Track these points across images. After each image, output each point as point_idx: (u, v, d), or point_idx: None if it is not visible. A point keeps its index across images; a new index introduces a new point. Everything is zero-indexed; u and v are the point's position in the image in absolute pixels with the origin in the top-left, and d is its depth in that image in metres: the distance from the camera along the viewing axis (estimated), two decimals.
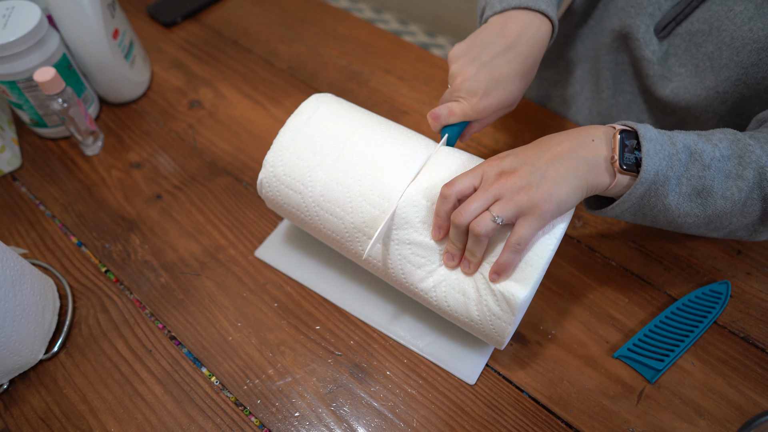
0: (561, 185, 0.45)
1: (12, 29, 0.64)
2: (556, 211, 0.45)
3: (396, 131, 0.54)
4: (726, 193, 0.47)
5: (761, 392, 0.53)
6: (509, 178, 0.46)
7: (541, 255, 0.47)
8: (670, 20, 0.62)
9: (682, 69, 0.63)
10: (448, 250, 0.49)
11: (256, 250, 0.64)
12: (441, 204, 0.47)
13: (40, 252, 0.64)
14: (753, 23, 0.55)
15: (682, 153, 0.46)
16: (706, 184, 0.47)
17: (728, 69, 0.58)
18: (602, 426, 0.52)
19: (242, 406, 0.54)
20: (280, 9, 0.94)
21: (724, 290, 0.59)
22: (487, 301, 0.48)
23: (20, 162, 0.73)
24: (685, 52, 0.62)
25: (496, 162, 0.47)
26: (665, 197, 0.47)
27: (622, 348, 0.55)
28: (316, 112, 0.55)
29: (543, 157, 0.46)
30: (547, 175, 0.45)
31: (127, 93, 0.79)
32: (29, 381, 0.55)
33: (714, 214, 0.48)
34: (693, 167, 0.46)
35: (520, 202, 0.45)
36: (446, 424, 0.52)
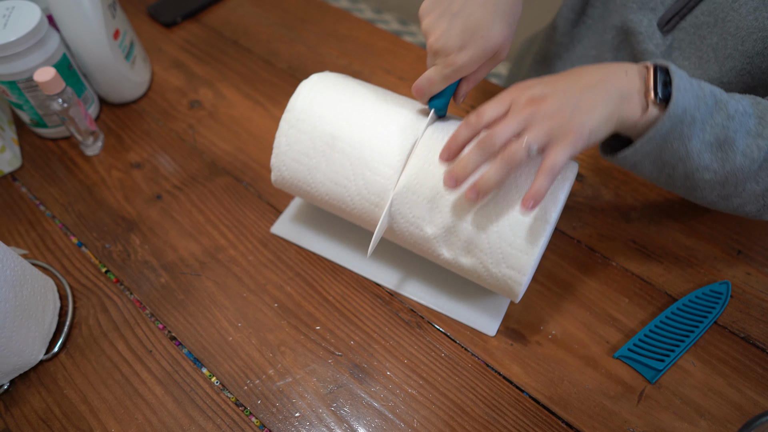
0: (594, 114, 0.44)
1: (12, 29, 0.64)
2: (588, 140, 0.44)
3: (386, 110, 0.54)
4: (746, 150, 0.47)
5: (762, 392, 0.53)
6: (541, 104, 0.44)
7: (553, 207, 0.47)
8: (674, 14, 0.62)
9: (685, 62, 0.63)
10: (455, 172, 0.45)
11: (272, 227, 0.66)
12: (463, 129, 0.45)
13: (40, 252, 0.64)
14: (758, 12, 0.55)
15: (709, 98, 0.45)
16: (729, 135, 0.46)
17: (732, 59, 0.58)
18: (602, 426, 0.52)
19: (242, 407, 0.54)
20: (281, 9, 0.94)
21: (724, 290, 0.59)
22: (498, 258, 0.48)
23: (20, 162, 0.73)
24: (689, 45, 0.62)
25: (525, 89, 0.45)
26: (689, 140, 0.46)
27: (623, 348, 0.55)
28: (303, 110, 0.55)
29: (575, 86, 0.45)
30: (580, 104, 0.44)
31: (127, 93, 0.79)
32: (29, 381, 0.55)
33: (731, 171, 0.48)
34: (718, 115, 0.46)
35: (553, 127, 0.43)
36: (446, 425, 0.52)
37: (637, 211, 0.66)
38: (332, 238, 0.64)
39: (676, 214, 0.66)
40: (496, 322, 0.58)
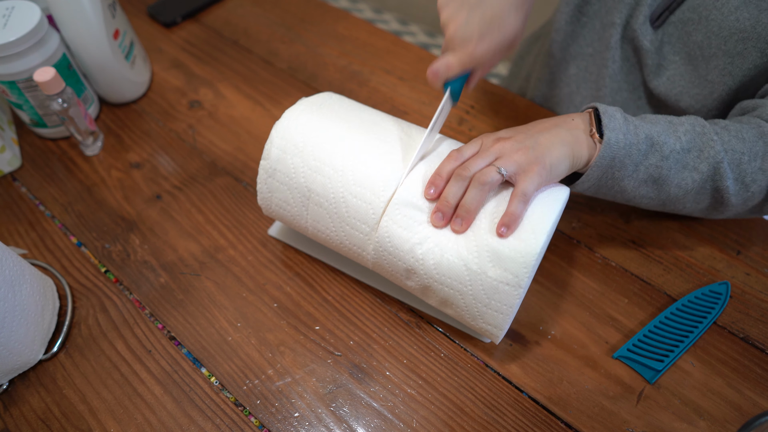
0: (552, 150, 0.49)
1: (12, 29, 0.64)
2: (550, 173, 0.49)
3: (366, 152, 0.52)
4: (680, 183, 0.52)
5: (761, 393, 0.53)
6: (506, 141, 0.50)
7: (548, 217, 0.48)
8: (663, 9, 0.64)
9: (676, 57, 0.65)
10: (439, 208, 0.49)
11: (269, 229, 0.66)
12: (446, 163, 0.50)
13: (39, 252, 0.64)
14: (739, 13, 0.56)
15: (643, 143, 0.51)
16: (662, 173, 0.52)
17: (716, 58, 0.60)
18: (602, 426, 0.52)
19: (242, 407, 0.54)
20: (280, 9, 0.95)
21: (723, 291, 0.59)
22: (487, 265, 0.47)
23: (20, 162, 0.73)
24: (678, 40, 0.64)
25: (492, 134, 0.52)
26: (621, 181, 0.52)
27: (622, 348, 0.55)
28: (278, 160, 0.54)
29: (533, 129, 0.52)
30: (539, 141, 0.50)
31: (127, 93, 0.79)
32: (29, 381, 0.55)
33: (668, 198, 0.54)
34: (652, 157, 0.51)
35: (519, 159, 0.48)
36: (446, 425, 0.52)
37: (636, 212, 0.66)
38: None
39: (676, 214, 0.66)
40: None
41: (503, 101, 0.79)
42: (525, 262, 0.46)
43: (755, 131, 0.52)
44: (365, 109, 0.58)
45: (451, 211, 0.48)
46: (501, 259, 0.47)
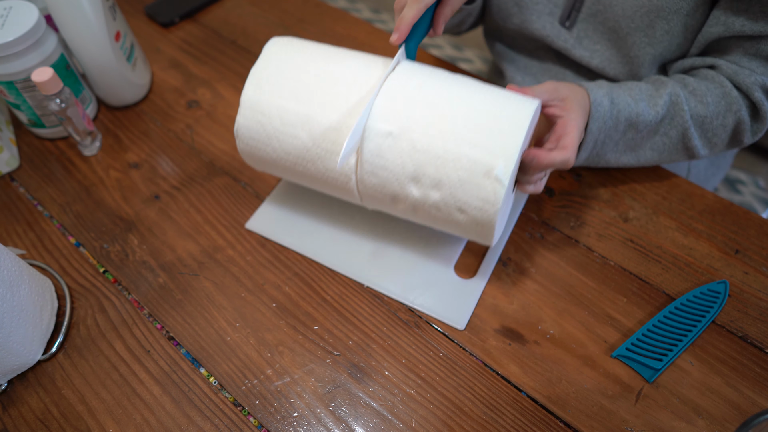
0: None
1: (9, 29, 0.64)
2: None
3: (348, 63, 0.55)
4: (654, 146, 0.62)
5: (759, 391, 0.53)
6: None
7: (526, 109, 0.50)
8: (569, 11, 0.69)
9: (597, 46, 0.70)
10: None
11: (246, 223, 0.66)
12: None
13: (38, 252, 0.64)
14: None
15: (623, 124, 0.59)
16: (637, 143, 0.62)
17: (631, 36, 0.66)
18: (601, 425, 0.52)
19: (241, 407, 0.53)
20: (279, 9, 0.94)
21: (722, 290, 0.59)
22: (476, 159, 0.49)
23: (18, 162, 0.73)
24: (594, 32, 0.69)
25: None
26: (604, 155, 0.62)
27: (621, 347, 0.56)
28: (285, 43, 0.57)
29: None
30: None
31: (129, 96, 0.79)
32: (27, 382, 0.55)
33: (645, 159, 0.64)
34: (629, 133, 0.60)
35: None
36: (445, 424, 0.52)
37: (635, 211, 0.66)
38: (298, 232, 0.65)
39: (674, 213, 0.66)
40: (466, 315, 0.58)
41: None
42: (509, 155, 0.48)
43: (719, 91, 0.60)
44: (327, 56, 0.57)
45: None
46: (488, 150, 0.49)
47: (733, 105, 0.60)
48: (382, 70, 0.54)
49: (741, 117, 0.60)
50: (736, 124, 0.61)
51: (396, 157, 0.51)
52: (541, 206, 0.67)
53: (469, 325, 0.58)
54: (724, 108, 0.60)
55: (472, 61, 1.80)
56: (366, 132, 0.51)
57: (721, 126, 0.61)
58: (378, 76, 0.53)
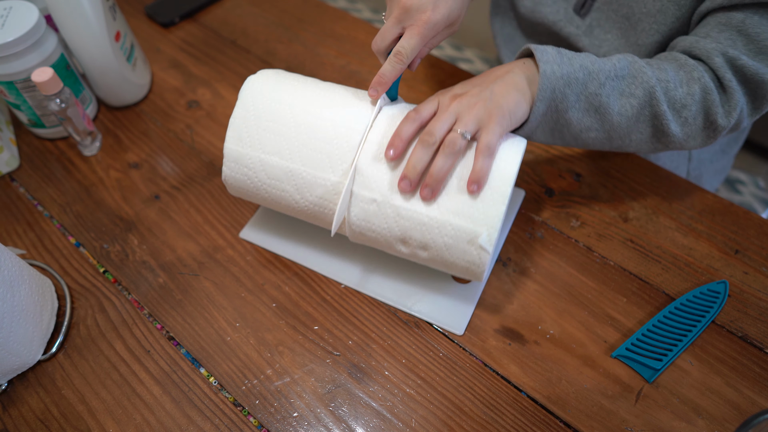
0: (508, 97, 0.51)
1: (10, 29, 0.64)
2: (510, 120, 0.51)
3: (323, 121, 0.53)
4: (621, 110, 0.54)
5: (759, 391, 0.53)
6: (462, 98, 0.52)
7: (509, 172, 0.50)
8: None
9: (608, 35, 0.69)
10: (406, 175, 0.50)
11: (240, 232, 0.66)
12: (406, 125, 0.51)
13: (38, 252, 0.64)
14: None
15: (579, 72, 0.53)
16: (602, 101, 0.54)
17: (641, 21, 0.65)
18: (600, 425, 0.52)
19: (241, 407, 0.54)
20: (278, 9, 0.94)
21: (722, 290, 0.59)
22: (461, 227, 0.50)
23: (18, 162, 0.73)
24: (606, 21, 0.68)
25: (447, 91, 0.53)
26: (566, 112, 0.54)
27: (621, 347, 0.56)
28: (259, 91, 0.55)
29: (487, 79, 0.53)
30: (494, 91, 0.52)
31: (129, 96, 0.79)
32: (27, 382, 0.55)
33: (612, 128, 0.56)
34: (591, 85, 0.53)
35: (478, 114, 0.50)
36: (445, 424, 0.52)
37: (634, 211, 0.66)
38: (293, 240, 0.64)
39: (673, 213, 0.66)
40: (464, 320, 0.58)
41: None
42: (493, 224, 0.49)
43: (673, 63, 0.56)
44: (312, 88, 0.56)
45: (418, 178, 0.50)
46: (471, 218, 0.50)
47: (693, 72, 0.55)
48: (365, 117, 0.53)
49: (706, 84, 0.54)
50: (703, 93, 0.55)
51: (381, 221, 0.52)
52: (541, 206, 0.67)
53: (468, 325, 0.58)
54: (685, 76, 0.55)
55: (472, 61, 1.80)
56: (352, 197, 0.52)
57: (688, 95, 0.55)
58: (361, 124, 0.53)
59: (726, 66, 0.54)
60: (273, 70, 0.58)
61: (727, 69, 0.54)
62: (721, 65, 0.54)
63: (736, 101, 0.55)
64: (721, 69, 0.54)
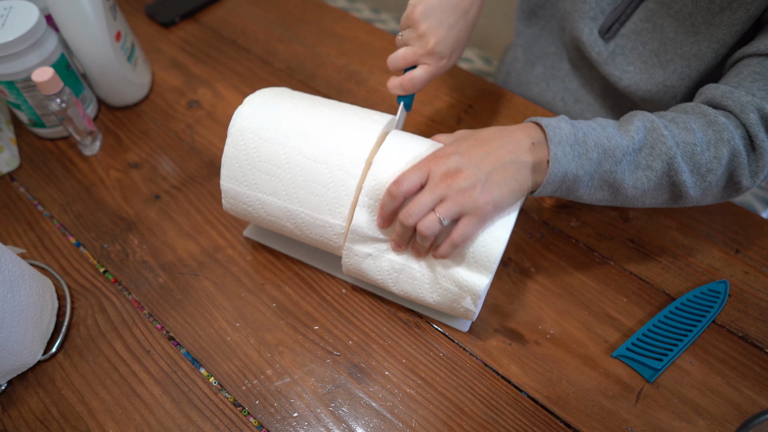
0: (503, 188, 0.48)
1: (10, 29, 0.64)
2: (495, 212, 0.49)
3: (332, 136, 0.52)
4: (636, 183, 0.51)
5: (760, 391, 0.53)
6: (455, 179, 0.47)
7: (495, 249, 0.49)
8: (612, 22, 0.65)
9: (630, 67, 0.66)
10: (395, 239, 0.51)
11: (245, 231, 0.66)
12: (388, 201, 0.49)
13: (38, 252, 0.64)
14: (694, 18, 0.58)
15: (594, 152, 0.49)
16: (617, 177, 0.50)
17: (673, 62, 0.61)
18: (601, 425, 0.52)
19: (241, 407, 0.53)
20: (279, 9, 0.94)
21: (722, 289, 0.59)
22: (449, 289, 0.51)
23: (18, 162, 0.73)
24: (631, 51, 0.65)
25: (442, 161, 0.49)
26: (576, 191, 0.51)
27: (621, 347, 0.55)
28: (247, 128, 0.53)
29: (487, 159, 0.48)
30: (490, 179, 0.48)
31: (129, 96, 0.79)
32: (27, 382, 0.55)
33: (625, 200, 0.53)
34: (605, 163, 0.49)
35: (464, 203, 0.47)
36: (445, 424, 0.52)
37: (635, 211, 0.66)
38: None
39: (674, 213, 0.66)
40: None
41: (500, 100, 0.79)
42: (476, 293, 0.50)
43: (702, 120, 0.51)
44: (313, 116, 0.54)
45: (405, 245, 0.51)
46: (457, 284, 0.51)
47: (723, 133, 0.50)
48: (361, 157, 0.51)
49: (735, 147, 0.50)
50: (731, 156, 0.50)
51: (376, 273, 0.54)
52: (541, 206, 0.67)
53: (470, 323, 0.58)
54: (714, 137, 0.50)
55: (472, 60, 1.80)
56: (346, 250, 0.53)
57: (715, 159, 0.50)
58: (357, 168, 0.51)
59: (760, 124, 0.50)
60: (262, 94, 0.56)
61: (761, 127, 0.50)
62: (755, 122, 0.50)
63: (765, 162, 0.50)
64: (754, 126, 0.50)
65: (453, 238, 0.48)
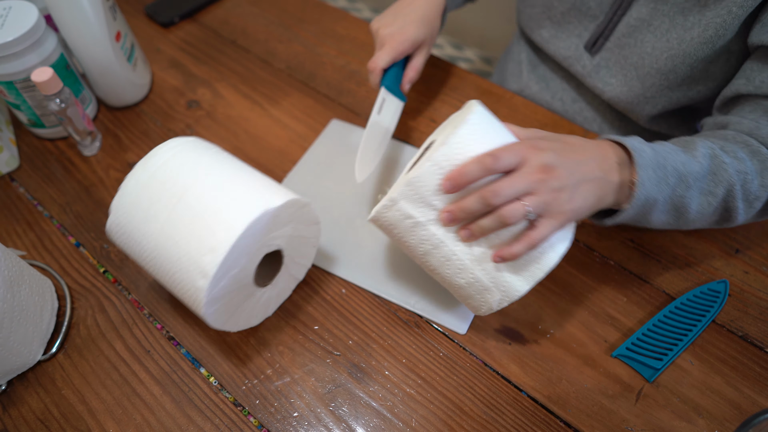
0: (586, 201, 0.47)
1: (9, 29, 0.63)
2: (573, 221, 0.48)
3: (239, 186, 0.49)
4: (699, 208, 0.53)
5: (760, 391, 0.53)
6: (550, 175, 0.46)
7: (549, 260, 0.48)
8: (597, 36, 0.70)
9: (612, 80, 0.70)
10: (454, 213, 0.46)
11: None
12: (475, 169, 0.45)
13: (38, 253, 0.64)
14: (669, 34, 0.62)
15: (671, 176, 0.50)
16: (685, 202, 0.52)
17: (651, 76, 0.66)
18: (601, 425, 0.52)
19: (241, 407, 0.53)
20: (278, 9, 0.94)
21: (722, 289, 0.59)
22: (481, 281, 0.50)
23: (18, 162, 0.73)
24: (615, 64, 0.69)
25: (540, 153, 0.46)
26: (649, 215, 0.52)
27: (621, 347, 0.56)
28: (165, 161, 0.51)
29: (580, 168, 0.47)
30: (579, 188, 0.47)
31: (129, 96, 0.79)
32: (27, 382, 0.55)
33: (685, 223, 0.55)
34: (679, 188, 0.51)
35: (552, 204, 0.46)
36: (445, 424, 0.52)
37: None
38: None
39: None
40: (467, 319, 0.58)
41: (500, 100, 0.79)
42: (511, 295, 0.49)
43: (746, 149, 0.54)
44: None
45: (461, 220, 0.47)
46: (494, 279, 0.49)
47: (766, 162, 0.53)
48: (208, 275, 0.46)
49: None
50: None
51: (409, 237, 0.50)
52: None
53: (469, 324, 0.58)
54: (759, 166, 0.53)
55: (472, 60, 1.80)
56: (389, 202, 0.49)
57: (762, 187, 0.53)
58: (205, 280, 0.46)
59: None
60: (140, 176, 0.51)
61: None
62: None
63: None
64: None
65: (533, 238, 0.46)
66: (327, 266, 0.62)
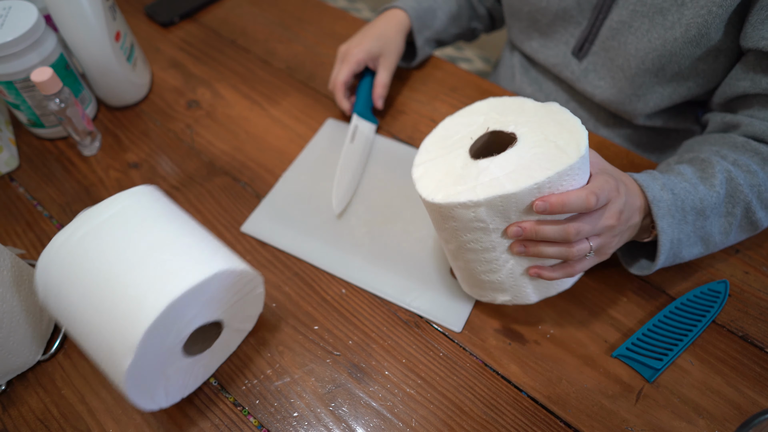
0: (621, 242, 0.52)
1: (9, 29, 0.63)
2: None
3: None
4: (721, 229, 0.56)
5: (760, 391, 0.53)
6: (618, 222, 0.48)
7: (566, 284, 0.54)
8: (583, 41, 0.70)
9: (601, 82, 0.71)
10: (527, 232, 0.46)
11: (242, 226, 0.66)
12: (577, 203, 0.44)
13: (37, 252, 0.64)
14: (650, 34, 0.62)
15: (690, 215, 0.53)
16: (706, 230, 0.55)
17: (639, 77, 0.66)
18: (601, 425, 0.52)
19: (241, 407, 0.53)
20: (278, 9, 0.94)
21: (722, 289, 0.59)
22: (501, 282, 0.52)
23: (18, 162, 0.73)
24: (602, 67, 0.70)
25: (619, 199, 0.48)
26: (680, 252, 0.54)
27: (621, 347, 0.55)
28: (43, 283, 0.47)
29: (635, 215, 0.50)
30: (625, 234, 0.51)
31: (129, 96, 0.79)
32: (27, 382, 0.55)
33: (714, 247, 0.57)
34: (698, 222, 0.54)
35: (606, 246, 0.49)
36: (445, 424, 0.52)
37: None
38: (293, 235, 0.65)
39: None
40: (462, 317, 0.58)
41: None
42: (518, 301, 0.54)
43: (757, 158, 0.56)
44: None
45: (528, 243, 0.47)
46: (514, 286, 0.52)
47: None
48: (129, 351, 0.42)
49: None
50: None
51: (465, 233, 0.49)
52: None
53: (469, 324, 0.58)
54: None
55: (472, 60, 1.80)
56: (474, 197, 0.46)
57: None
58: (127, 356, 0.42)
59: None
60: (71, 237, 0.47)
61: None
62: None
63: None
64: None
65: (576, 270, 0.49)
66: (327, 266, 0.62)
